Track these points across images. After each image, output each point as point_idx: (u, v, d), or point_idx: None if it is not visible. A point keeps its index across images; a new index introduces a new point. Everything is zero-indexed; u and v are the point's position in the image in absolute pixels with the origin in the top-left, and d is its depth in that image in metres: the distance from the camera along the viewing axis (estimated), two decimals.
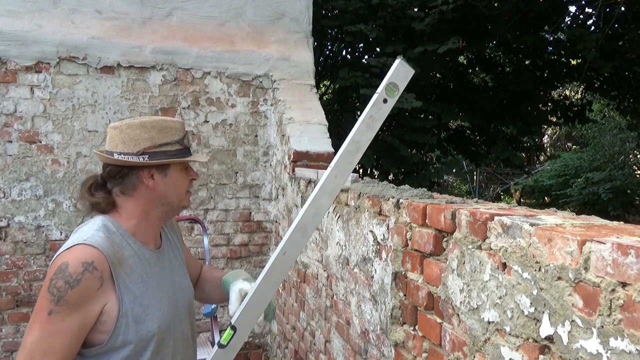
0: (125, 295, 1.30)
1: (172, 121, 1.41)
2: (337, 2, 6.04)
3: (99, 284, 1.25)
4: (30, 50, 3.62)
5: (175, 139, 1.38)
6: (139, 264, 1.36)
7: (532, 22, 6.45)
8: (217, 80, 4.05)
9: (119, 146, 1.33)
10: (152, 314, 1.35)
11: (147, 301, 1.35)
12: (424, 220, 1.57)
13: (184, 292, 1.51)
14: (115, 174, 1.35)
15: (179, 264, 1.54)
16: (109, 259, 1.27)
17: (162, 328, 1.36)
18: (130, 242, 1.36)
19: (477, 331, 1.30)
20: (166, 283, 1.43)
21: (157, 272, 1.41)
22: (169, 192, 1.39)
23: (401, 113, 6.03)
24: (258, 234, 4.18)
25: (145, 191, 1.36)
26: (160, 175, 1.37)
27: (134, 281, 1.33)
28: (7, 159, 3.61)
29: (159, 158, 1.34)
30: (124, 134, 1.33)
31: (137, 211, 1.37)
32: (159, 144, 1.35)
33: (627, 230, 1.03)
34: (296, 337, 3.22)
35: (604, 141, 12.94)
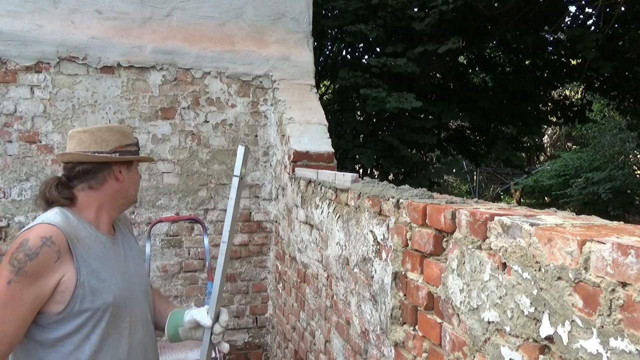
0: (83, 267, 1.43)
1: (126, 127, 1.68)
2: (337, 2, 6.03)
3: (56, 257, 1.37)
4: (30, 50, 3.62)
5: (134, 142, 1.64)
6: (95, 243, 1.50)
7: (532, 22, 6.45)
8: (217, 80, 4.05)
9: (92, 146, 1.52)
10: (108, 287, 1.48)
11: (103, 275, 1.47)
12: (424, 220, 1.57)
13: (140, 278, 1.64)
14: (89, 170, 1.52)
15: (133, 255, 1.67)
16: (67, 234, 1.41)
17: (117, 302, 1.48)
18: (86, 226, 1.51)
19: (477, 331, 1.29)
20: (121, 266, 1.57)
21: (112, 255, 1.55)
22: (130, 187, 1.63)
23: (401, 113, 6.04)
24: (258, 234, 4.18)
25: (112, 185, 1.57)
26: (127, 171, 1.60)
27: (91, 256, 1.47)
28: (7, 159, 3.61)
29: (127, 155, 1.59)
30: (95, 136, 1.53)
31: (96, 203, 1.55)
32: (125, 145, 1.59)
33: (627, 230, 1.03)
34: (296, 337, 3.22)
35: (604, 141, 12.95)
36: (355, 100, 6.90)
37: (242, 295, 4.17)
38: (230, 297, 4.14)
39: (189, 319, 1.61)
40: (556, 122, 8.68)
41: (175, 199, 3.97)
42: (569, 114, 7.49)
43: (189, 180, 4.00)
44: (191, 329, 1.63)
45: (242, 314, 4.18)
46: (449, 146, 7.86)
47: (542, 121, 7.89)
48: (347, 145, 6.07)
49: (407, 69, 5.49)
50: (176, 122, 3.96)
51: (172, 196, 3.96)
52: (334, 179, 2.55)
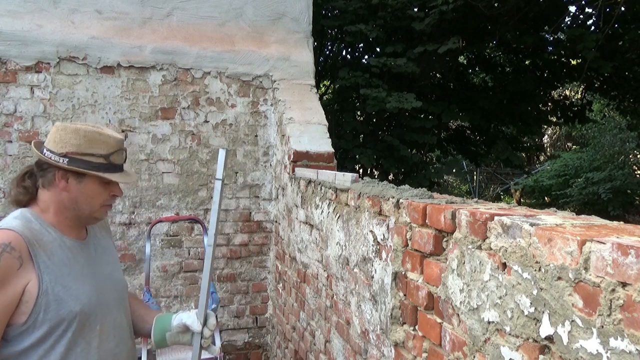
0: (45, 274, 1.34)
1: (108, 136, 1.46)
2: (337, 2, 6.03)
3: (18, 264, 1.30)
4: (30, 50, 3.62)
5: (101, 153, 1.43)
6: (59, 249, 1.41)
7: (532, 22, 6.45)
8: (217, 80, 4.05)
9: (50, 143, 1.41)
10: (75, 295, 1.39)
11: (69, 282, 1.38)
12: (424, 220, 1.57)
13: (115, 284, 1.56)
14: (39, 165, 1.43)
15: (107, 259, 1.58)
16: (27, 240, 1.33)
17: (85, 310, 1.40)
18: (50, 230, 1.42)
19: (477, 331, 1.29)
20: (91, 272, 1.48)
21: (80, 260, 1.46)
22: (80, 200, 1.44)
23: (401, 113, 6.03)
24: (258, 234, 4.18)
25: (58, 191, 1.43)
26: (75, 182, 1.42)
27: (55, 263, 1.38)
28: (7, 159, 3.61)
29: (77, 165, 1.40)
30: (58, 134, 1.41)
31: (52, 206, 1.44)
32: (82, 153, 1.40)
33: (627, 230, 1.03)
34: (296, 337, 3.22)
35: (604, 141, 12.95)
36: (355, 100, 6.90)
37: (242, 295, 4.17)
38: (230, 297, 4.14)
39: (177, 324, 1.57)
40: (556, 122, 8.68)
41: (175, 199, 3.97)
42: (569, 114, 7.49)
43: (189, 180, 4.00)
44: (179, 333, 1.58)
45: (242, 314, 4.18)
46: (449, 146, 7.86)
47: (542, 121, 7.89)
48: (347, 145, 6.08)
49: (407, 69, 5.49)
50: (176, 122, 3.96)
51: (172, 196, 3.96)
52: (334, 179, 2.55)
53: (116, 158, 1.47)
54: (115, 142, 1.47)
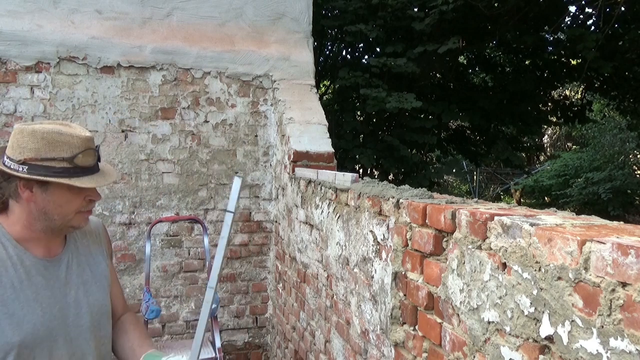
0: None
1: (70, 136, 1.26)
2: (337, 2, 6.03)
3: None
4: (30, 50, 3.62)
5: (64, 156, 1.24)
6: (11, 268, 1.25)
7: (532, 22, 6.45)
8: (217, 80, 4.05)
9: (9, 150, 1.25)
10: (17, 324, 1.22)
11: (13, 308, 1.22)
12: (424, 220, 1.57)
13: (87, 308, 1.37)
14: (2, 175, 1.26)
15: (83, 279, 1.40)
16: None
17: (27, 342, 1.23)
18: (9, 245, 1.27)
19: (477, 331, 1.29)
20: (49, 296, 1.30)
21: (39, 281, 1.29)
22: (49, 210, 1.27)
23: (401, 113, 6.04)
24: (258, 234, 4.18)
25: (24, 202, 1.26)
26: (40, 191, 1.25)
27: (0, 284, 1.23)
28: None
29: (39, 173, 1.22)
30: (15, 138, 1.25)
31: (22, 218, 1.29)
32: (42, 158, 1.22)
33: (627, 230, 1.03)
34: (296, 337, 3.22)
35: (604, 141, 12.95)
36: (355, 100, 6.90)
37: (242, 295, 4.17)
38: (230, 297, 4.14)
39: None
40: (556, 122, 8.68)
41: (175, 199, 3.97)
42: (569, 114, 7.49)
43: (189, 180, 4.00)
44: None
45: (242, 314, 4.18)
46: (449, 146, 7.86)
47: (542, 121, 7.89)
48: (347, 145, 6.08)
49: (407, 69, 5.49)
50: (176, 122, 3.96)
51: (172, 196, 3.96)
52: (334, 179, 2.55)
53: (83, 160, 1.27)
54: (80, 142, 1.27)
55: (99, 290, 1.43)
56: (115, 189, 3.81)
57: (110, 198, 3.80)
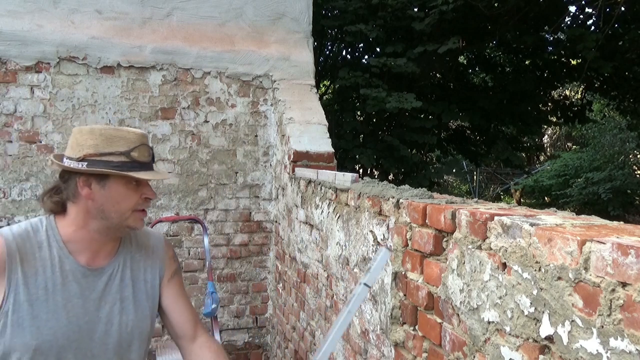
0: (12, 292, 1.21)
1: (126, 131, 1.30)
2: (337, 2, 6.03)
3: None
4: (30, 50, 3.62)
5: (121, 150, 1.27)
6: (49, 270, 1.26)
7: (532, 22, 6.45)
8: (217, 80, 4.05)
9: (68, 150, 1.28)
10: (37, 328, 1.22)
11: (38, 311, 1.23)
12: (424, 220, 1.57)
13: (119, 327, 1.33)
14: (62, 177, 1.30)
15: (125, 296, 1.36)
16: (10, 250, 1.22)
17: (42, 349, 1.22)
18: (55, 246, 1.28)
19: (477, 331, 1.29)
20: (80, 306, 1.28)
21: (73, 289, 1.28)
22: (106, 206, 1.27)
23: (401, 113, 6.04)
24: (258, 234, 4.18)
25: (83, 200, 1.27)
26: (99, 186, 1.26)
27: (33, 284, 1.24)
28: (7, 159, 3.61)
29: (98, 167, 1.25)
30: (74, 138, 1.29)
31: (77, 219, 1.30)
32: (100, 153, 1.25)
33: (627, 230, 1.03)
34: (296, 337, 3.22)
35: (604, 141, 12.95)
36: (355, 100, 6.90)
37: (242, 295, 4.17)
38: (230, 297, 4.14)
39: None
40: (556, 122, 8.68)
41: (175, 199, 3.97)
42: (569, 114, 7.49)
43: (189, 180, 4.00)
44: None
45: (242, 314, 4.18)
46: (449, 146, 7.86)
47: (542, 121, 7.89)
48: (347, 145, 6.08)
49: (407, 69, 5.49)
50: (176, 122, 3.96)
51: (172, 196, 3.96)
52: (334, 179, 2.55)
53: (139, 154, 1.29)
54: (136, 137, 1.30)
55: (138, 310, 1.38)
56: None
57: None
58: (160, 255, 1.47)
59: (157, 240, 1.50)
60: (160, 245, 1.49)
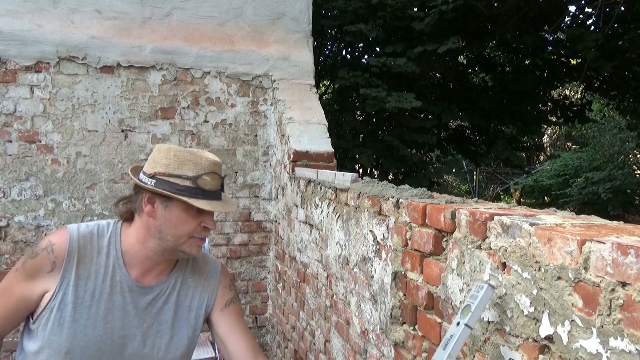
0: (62, 291, 1.24)
1: (199, 156, 1.28)
2: (337, 2, 6.03)
3: (50, 268, 1.24)
4: (30, 50, 3.62)
5: (189, 175, 1.25)
6: (101, 277, 1.28)
7: (532, 22, 6.45)
8: (217, 80, 4.05)
9: (146, 166, 1.31)
10: (75, 331, 1.24)
11: (79, 315, 1.24)
12: (424, 220, 1.57)
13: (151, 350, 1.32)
14: (135, 189, 1.33)
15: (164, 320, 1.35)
16: (71, 249, 1.25)
17: (74, 354, 1.23)
18: (114, 255, 1.30)
19: (477, 331, 1.29)
20: (119, 319, 1.29)
21: (118, 301, 1.29)
22: (164, 228, 1.27)
23: (401, 113, 6.04)
24: (258, 234, 4.18)
25: (145, 216, 1.29)
26: (162, 206, 1.27)
27: (82, 288, 1.25)
28: (7, 159, 3.61)
29: (163, 187, 1.24)
30: (153, 154, 1.31)
31: (139, 234, 1.31)
32: (170, 174, 1.25)
33: (627, 230, 1.03)
34: (296, 337, 3.22)
35: (604, 141, 12.95)
36: (355, 100, 6.90)
37: (242, 295, 4.17)
38: None
39: None
40: (556, 122, 8.68)
41: None
42: (569, 114, 7.49)
43: None
44: None
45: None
46: (449, 146, 7.86)
47: (542, 121, 7.89)
48: (347, 145, 6.08)
49: (407, 69, 5.49)
50: (176, 122, 3.96)
51: None
52: (334, 179, 2.55)
53: (206, 182, 1.26)
54: (207, 164, 1.27)
55: (174, 336, 1.36)
56: (115, 189, 3.81)
57: (111, 198, 3.80)
58: (214, 284, 1.45)
59: (214, 268, 1.48)
60: (216, 274, 1.47)
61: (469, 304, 1.10)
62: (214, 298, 1.44)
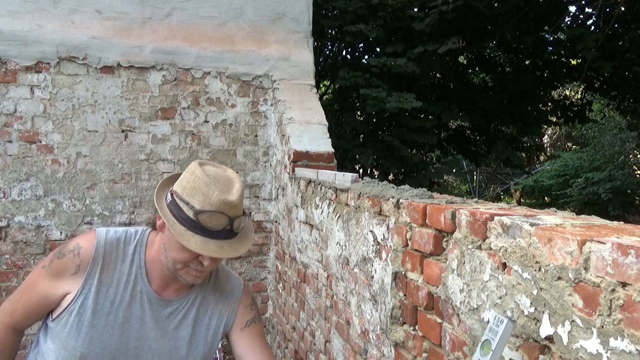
0: (83, 295, 1.23)
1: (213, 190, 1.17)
2: (337, 2, 6.04)
3: (74, 270, 1.24)
4: (30, 50, 3.62)
5: (195, 207, 1.17)
6: (122, 285, 1.27)
7: (532, 22, 6.45)
8: (217, 80, 4.05)
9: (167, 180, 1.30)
10: (91, 337, 1.23)
11: (97, 321, 1.24)
12: (424, 220, 1.57)
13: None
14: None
15: (180, 336, 1.33)
16: (96, 255, 1.25)
17: (88, 359, 1.23)
18: (137, 264, 1.29)
19: (477, 331, 1.29)
20: (137, 329, 1.28)
21: (136, 311, 1.28)
22: (167, 246, 1.25)
23: (401, 113, 6.04)
24: (258, 234, 4.18)
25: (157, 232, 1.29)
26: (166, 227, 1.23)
27: (103, 294, 1.25)
28: (7, 159, 3.61)
29: (170, 208, 1.21)
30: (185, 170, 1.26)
31: (158, 245, 1.30)
32: (181, 198, 1.20)
33: (627, 230, 1.03)
34: (296, 337, 3.22)
35: (604, 141, 12.95)
36: (355, 100, 6.90)
37: None
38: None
39: None
40: (556, 122, 8.69)
41: None
42: (569, 114, 7.49)
43: None
44: None
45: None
46: (449, 146, 7.86)
47: (542, 121, 7.89)
48: (347, 145, 6.08)
49: (407, 69, 5.49)
50: (176, 122, 3.96)
51: None
52: (334, 179, 2.55)
53: (206, 220, 1.17)
54: (217, 202, 1.17)
55: (190, 353, 1.35)
56: (115, 189, 3.82)
57: (111, 198, 3.80)
58: (235, 303, 1.42)
59: (236, 286, 1.44)
60: (238, 292, 1.43)
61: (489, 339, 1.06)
62: (234, 317, 1.42)
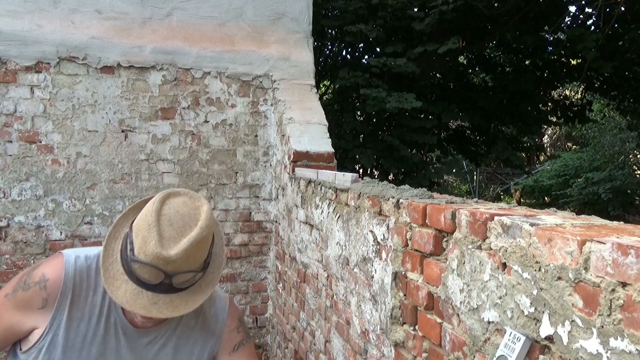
0: (52, 332, 1.15)
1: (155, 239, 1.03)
2: (337, 2, 6.03)
3: (40, 304, 1.13)
4: (30, 50, 3.61)
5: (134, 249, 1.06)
6: (95, 318, 1.18)
7: (532, 22, 6.45)
8: (217, 80, 4.05)
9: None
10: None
11: (69, 358, 1.16)
12: (424, 220, 1.57)
13: None
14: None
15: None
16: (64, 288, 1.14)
17: None
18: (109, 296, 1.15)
19: (477, 331, 1.29)
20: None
21: (111, 345, 1.19)
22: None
23: (401, 113, 6.04)
24: (258, 234, 4.18)
25: None
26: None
27: (74, 330, 1.16)
28: (7, 159, 3.61)
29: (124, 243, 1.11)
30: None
31: None
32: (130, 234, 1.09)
33: (627, 230, 1.03)
34: (296, 337, 3.22)
35: (604, 141, 12.95)
36: (355, 100, 6.90)
37: (242, 295, 4.17)
38: (230, 297, 4.14)
39: None
40: (556, 122, 8.69)
41: None
42: (569, 114, 7.49)
43: (189, 180, 4.00)
44: None
45: (242, 314, 4.18)
46: (449, 146, 7.86)
47: (542, 121, 7.89)
48: (347, 145, 6.08)
49: (407, 69, 5.49)
50: (176, 122, 3.96)
51: None
52: (334, 179, 2.55)
53: (139, 271, 1.06)
54: (151, 253, 1.03)
55: None
56: (115, 189, 3.81)
57: (111, 198, 3.80)
58: (219, 327, 1.32)
59: (221, 308, 1.35)
60: (222, 316, 1.34)
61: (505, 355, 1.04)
62: (219, 342, 1.32)
